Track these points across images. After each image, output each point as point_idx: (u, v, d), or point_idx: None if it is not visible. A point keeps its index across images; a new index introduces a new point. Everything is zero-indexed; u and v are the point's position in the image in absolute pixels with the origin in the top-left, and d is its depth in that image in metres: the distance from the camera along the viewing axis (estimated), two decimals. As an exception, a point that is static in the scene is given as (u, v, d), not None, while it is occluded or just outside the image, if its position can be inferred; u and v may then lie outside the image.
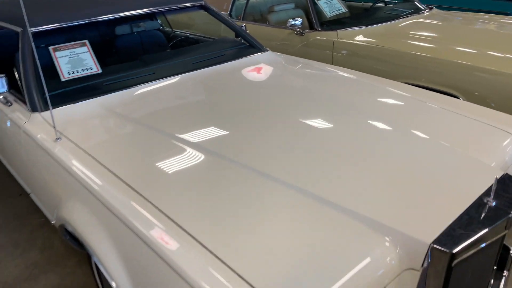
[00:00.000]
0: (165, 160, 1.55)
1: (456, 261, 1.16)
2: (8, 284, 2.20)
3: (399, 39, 3.20)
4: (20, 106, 2.10)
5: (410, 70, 3.01)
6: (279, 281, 1.04)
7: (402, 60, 3.04)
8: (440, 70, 2.85)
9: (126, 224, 1.29)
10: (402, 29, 3.42)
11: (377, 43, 3.21)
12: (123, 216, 1.31)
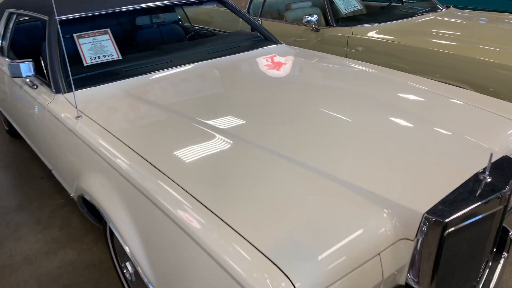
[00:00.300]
0: (176, 135, 1.65)
1: (448, 231, 1.21)
2: (29, 257, 2.33)
3: (413, 36, 3.24)
4: (44, 89, 2.24)
5: (423, 66, 3.04)
6: (280, 242, 1.12)
7: (414, 55, 3.08)
8: (454, 66, 2.88)
9: (140, 191, 1.39)
10: (416, 26, 3.45)
11: (390, 39, 3.25)
12: (138, 184, 1.40)
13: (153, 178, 1.39)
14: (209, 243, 1.14)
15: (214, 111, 1.86)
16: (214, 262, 1.11)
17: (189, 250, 1.20)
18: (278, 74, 2.33)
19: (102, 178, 1.59)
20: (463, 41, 3.01)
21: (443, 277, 1.33)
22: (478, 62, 2.79)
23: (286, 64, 2.51)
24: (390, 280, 1.29)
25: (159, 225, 1.33)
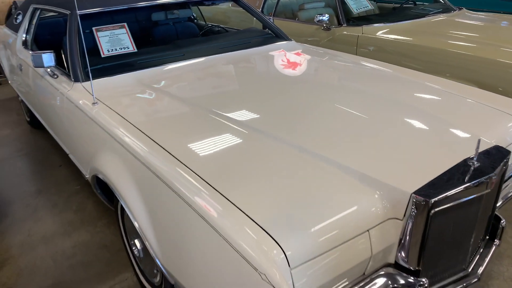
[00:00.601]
0: (184, 120, 1.75)
1: (434, 211, 1.28)
2: (46, 236, 2.46)
3: (422, 35, 3.28)
4: (64, 78, 2.37)
5: (431, 65, 3.08)
6: (275, 215, 1.20)
7: (422, 54, 3.13)
8: (463, 65, 2.92)
9: (149, 169, 1.49)
10: (426, 26, 3.50)
11: (399, 38, 3.31)
12: (147, 163, 1.51)
13: (161, 158, 1.50)
14: (210, 214, 1.23)
15: (221, 100, 1.96)
16: (213, 232, 1.20)
17: (191, 222, 1.30)
18: (284, 68, 2.42)
19: (115, 158, 1.71)
20: (471, 41, 3.05)
21: (431, 257, 1.39)
22: (488, 62, 2.82)
23: (292, 59, 2.60)
24: (380, 258, 1.37)
25: (165, 201, 1.43)
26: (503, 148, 1.51)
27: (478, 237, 1.60)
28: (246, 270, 1.09)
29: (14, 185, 3.05)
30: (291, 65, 2.49)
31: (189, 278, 1.33)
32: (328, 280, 1.22)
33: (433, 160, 1.45)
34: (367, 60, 2.60)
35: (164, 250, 1.46)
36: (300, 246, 1.15)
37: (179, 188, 1.35)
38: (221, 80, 2.23)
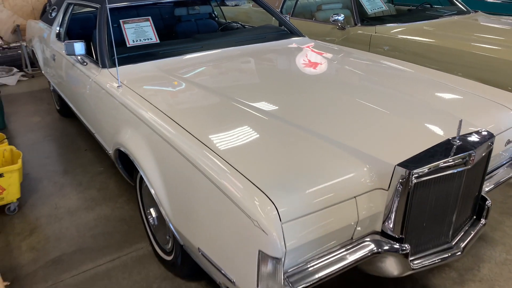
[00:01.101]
0: (198, 100, 1.94)
1: (416, 182, 1.42)
2: (71, 210, 2.69)
3: (433, 35, 3.39)
4: (92, 65, 2.61)
5: (441, 63, 3.19)
6: (272, 178, 1.37)
7: (432, 52, 3.24)
8: (472, 63, 3.02)
9: (165, 141, 1.68)
10: (439, 26, 3.60)
11: (410, 37, 3.43)
12: (162, 134, 1.70)
13: (174, 130, 1.69)
14: (215, 177, 1.40)
15: (232, 84, 2.14)
16: (218, 191, 1.37)
17: (200, 185, 1.48)
18: (295, 59, 2.59)
19: (135, 133, 1.91)
20: (479, 41, 3.15)
21: (414, 227, 1.53)
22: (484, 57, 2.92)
23: (304, 51, 2.76)
24: (367, 225, 1.51)
25: (178, 168, 1.61)
26: (487, 131, 1.64)
27: (464, 215, 1.72)
28: (243, 220, 1.26)
29: (43, 165, 3.30)
30: (302, 57, 2.65)
31: (195, 233, 1.51)
32: (316, 237, 1.37)
33: (420, 139, 1.59)
34: (371, 54, 2.74)
35: (175, 212, 1.64)
36: (291, 205, 1.31)
37: (191, 156, 1.53)
38: (235, 69, 2.41)
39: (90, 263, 2.21)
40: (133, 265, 2.18)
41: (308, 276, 1.38)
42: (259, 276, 1.24)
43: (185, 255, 1.86)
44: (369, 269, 1.59)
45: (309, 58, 2.64)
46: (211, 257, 1.44)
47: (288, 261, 1.35)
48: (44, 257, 2.27)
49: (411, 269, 1.55)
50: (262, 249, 1.20)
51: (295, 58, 2.65)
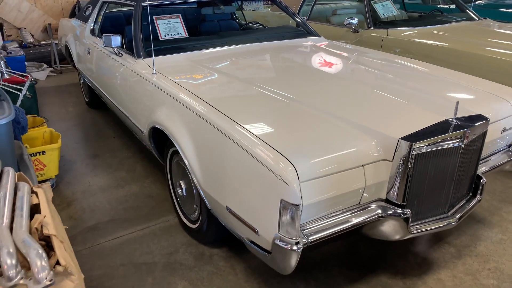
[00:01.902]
0: (223, 86, 2.19)
1: (416, 154, 1.64)
2: (103, 187, 2.96)
3: (440, 38, 3.61)
4: (127, 56, 2.88)
5: (446, 64, 3.40)
6: (293, 147, 1.60)
7: (437, 53, 3.45)
8: (479, 65, 3.23)
9: (197, 114, 1.93)
10: (447, 30, 3.82)
11: (418, 40, 3.65)
12: (195, 110, 1.95)
13: (204, 107, 1.94)
14: (245, 144, 1.64)
15: (255, 73, 2.39)
16: (249, 156, 1.60)
17: (231, 152, 1.71)
18: (312, 54, 2.83)
19: (170, 111, 2.17)
20: (486, 44, 3.35)
21: (415, 195, 1.75)
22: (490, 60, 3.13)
23: (319, 48, 3.01)
24: (373, 192, 1.74)
25: (210, 139, 1.85)
26: (482, 116, 1.85)
27: (461, 190, 1.93)
28: (268, 177, 1.50)
29: (75, 149, 3.59)
30: (317, 52, 2.90)
31: (224, 194, 1.75)
32: (329, 197, 1.60)
33: (422, 120, 1.82)
34: (382, 53, 2.97)
35: (206, 178, 1.88)
36: (308, 168, 1.55)
37: (226, 129, 1.77)
38: (257, 61, 2.66)
39: (123, 231, 2.47)
40: (161, 233, 2.43)
41: (320, 231, 1.60)
42: (280, 223, 1.47)
43: (210, 221, 2.10)
44: (373, 233, 1.81)
45: (324, 54, 2.88)
46: (238, 213, 1.67)
47: (303, 216, 1.58)
48: (82, 225, 2.53)
49: (411, 233, 1.76)
50: (284, 198, 1.44)
51: (311, 53, 2.90)
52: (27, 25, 6.78)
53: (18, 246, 1.10)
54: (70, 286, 1.12)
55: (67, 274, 1.12)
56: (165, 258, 2.23)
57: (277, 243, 1.49)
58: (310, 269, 2.12)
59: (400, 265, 2.14)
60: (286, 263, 1.51)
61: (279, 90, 2.15)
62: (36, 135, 3.08)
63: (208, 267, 2.15)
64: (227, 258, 2.21)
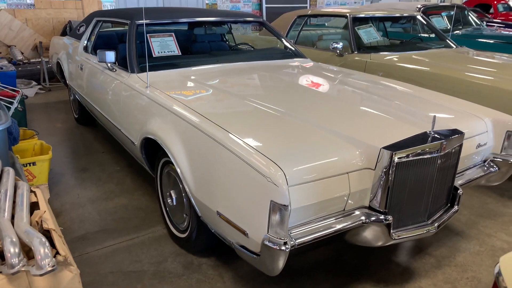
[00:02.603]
0: (212, 97, 2.29)
1: (397, 162, 1.75)
2: (92, 199, 2.98)
3: (418, 62, 3.82)
4: (121, 71, 2.97)
5: (424, 86, 3.59)
6: (282, 153, 1.70)
7: (413, 75, 3.65)
8: (453, 87, 3.42)
9: (188, 122, 2.02)
10: (423, 56, 4.03)
11: (398, 64, 3.85)
12: (187, 118, 2.04)
13: (198, 118, 2.03)
14: (241, 152, 1.72)
15: (245, 88, 2.50)
16: (242, 162, 1.68)
17: (223, 159, 1.79)
18: (298, 73, 2.97)
19: (163, 122, 2.25)
20: (457, 66, 3.56)
21: (396, 203, 1.85)
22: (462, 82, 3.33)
23: (304, 68, 3.15)
24: (357, 199, 1.83)
25: (202, 147, 1.93)
26: (458, 130, 1.98)
27: (439, 201, 2.04)
28: (259, 180, 1.58)
29: (64, 163, 3.61)
30: (303, 71, 3.04)
31: (215, 200, 1.82)
32: (315, 202, 1.69)
33: (403, 132, 1.94)
34: (364, 74, 3.14)
35: (198, 185, 1.95)
36: (296, 174, 1.64)
37: (219, 137, 1.86)
38: (246, 77, 2.78)
39: (112, 240, 2.49)
40: (150, 243, 2.46)
41: (307, 235, 1.68)
42: (269, 224, 1.55)
43: (200, 230, 2.15)
44: (357, 239, 1.89)
45: (310, 73, 3.02)
46: (228, 217, 1.74)
47: (291, 220, 1.66)
48: (71, 234, 2.55)
49: (392, 239, 1.85)
50: (273, 199, 1.52)
51: (298, 72, 3.04)
52: (17, 43, 6.84)
53: (20, 236, 1.15)
54: (69, 276, 1.17)
55: (66, 264, 1.17)
56: (154, 267, 2.26)
57: (266, 244, 1.56)
58: (296, 277, 2.17)
59: (383, 274, 2.22)
60: (275, 264, 1.58)
61: (269, 104, 2.26)
62: (26, 147, 3.11)
63: (197, 275, 2.19)
64: (216, 266, 2.26)
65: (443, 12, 6.68)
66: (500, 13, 12.26)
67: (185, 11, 3.45)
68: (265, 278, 2.17)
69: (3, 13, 6.67)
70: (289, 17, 5.44)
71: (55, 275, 1.15)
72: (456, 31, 6.49)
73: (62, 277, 1.16)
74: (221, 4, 9.09)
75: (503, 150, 2.39)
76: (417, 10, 6.22)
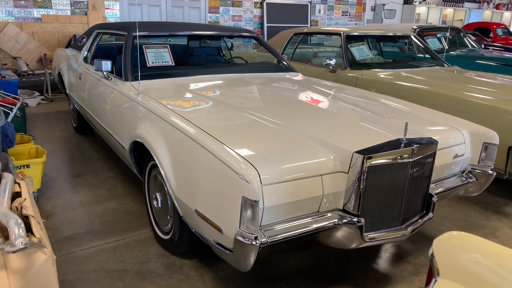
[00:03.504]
0: (200, 105, 2.39)
1: (368, 166, 1.82)
2: (83, 203, 3.06)
3: (408, 78, 3.92)
4: (116, 80, 3.09)
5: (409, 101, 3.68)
6: (258, 155, 1.78)
7: (402, 90, 3.75)
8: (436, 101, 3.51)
9: (177, 128, 2.11)
10: (412, 73, 4.14)
11: (387, 80, 3.96)
12: (173, 123, 2.13)
13: (180, 121, 2.12)
14: (217, 151, 1.81)
15: (232, 96, 2.60)
16: (218, 160, 1.77)
17: (202, 158, 1.87)
18: (286, 85, 3.07)
19: (150, 126, 2.34)
20: (442, 83, 3.66)
21: (369, 206, 1.91)
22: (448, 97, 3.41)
23: (294, 81, 3.26)
24: (331, 201, 1.90)
25: (185, 148, 2.02)
26: (431, 138, 2.06)
27: (413, 207, 2.10)
28: (233, 178, 1.66)
29: (59, 168, 3.70)
30: (292, 83, 3.14)
31: (194, 198, 1.90)
32: (289, 201, 1.76)
33: (379, 139, 2.02)
34: (351, 87, 3.25)
35: (179, 185, 2.03)
36: (270, 173, 1.72)
37: (199, 138, 1.95)
38: (236, 87, 2.89)
39: (98, 241, 2.55)
40: (135, 245, 2.52)
41: (280, 233, 1.74)
42: (241, 219, 1.62)
43: (182, 230, 2.21)
44: (331, 241, 1.95)
45: (298, 85, 3.13)
46: (205, 214, 1.81)
47: (265, 218, 1.73)
48: (58, 235, 2.61)
49: (365, 241, 1.91)
50: (245, 195, 1.59)
51: (287, 84, 3.14)
52: (23, 55, 7.03)
53: (0, 219, 1.23)
54: (43, 257, 1.24)
55: (40, 246, 1.24)
56: (137, 266, 2.31)
57: (238, 239, 1.62)
58: (275, 281, 2.22)
59: (361, 280, 2.26)
60: (247, 259, 1.64)
61: (251, 110, 2.35)
62: (22, 150, 3.20)
63: (178, 275, 2.24)
64: (197, 268, 2.31)
65: (439, 34, 6.84)
66: (499, 37, 12.46)
67: (180, 25, 3.59)
68: (244, 281, 2.22)
69: (10, 26, 6.89)
70: (286, 35, 5.60)
71: (30, 256, 1.23)
72: (451, 51, 6.62)
73: (36, 258, 1.23)
74: (223, 22, 9.32)
75: (480, 162, 2.46)
76: (413, 30, 6.38)
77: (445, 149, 2.32)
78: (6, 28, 6.85)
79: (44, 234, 1.35)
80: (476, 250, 0.95)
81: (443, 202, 3.22)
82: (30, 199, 1.48)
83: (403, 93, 3.78)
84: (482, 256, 0.92)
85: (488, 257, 0.91)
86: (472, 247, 0.96)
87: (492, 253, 0.92)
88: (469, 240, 0.98)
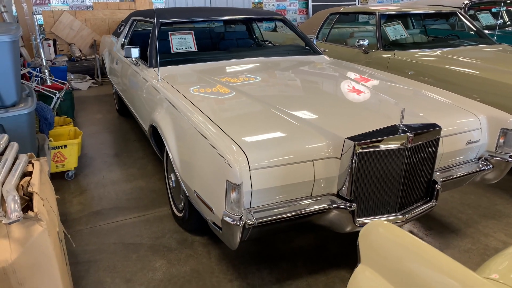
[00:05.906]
0: (217, 95, 2.49)
1: (360, 152, 1.83)
2: (114, 181, 3.31)
3: (442, 58, 3.74)
4: (143, 65, 3.27)
5: (441, 83, 3.52)
6: (250, 141, 1.85)
7: (438, 73, 3.58)
8: (468, 83, 3.33)
9: (181, 113, 2.23)
10: (452, 53, 3.93)
11: (420, 61, 3.80)
12: (180, 109, 2.25)
13: (188, 106, 2.23)
14: (210, 135, 1.91)
15: (246, 83, 2.67)
16: (209, 145, 1.87)
17: (199, 142, 1.99)
18: (300, 69, 3.08)
19: (164, 112, 2.49)
20: (477, 62, 3.44)
21: (362, 192, 1.93)
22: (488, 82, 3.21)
23: (312, 64, 3.25)
24: (324, 186, 1.93)
25: (187, 133, 2.14)
26: (434, 124, 2.01)
27: (415, 193, 2.07)
28: (221, 162, 1.75)
29: (98, 149, 4.00)
30: (308, 67, 3.14)
31: (193, 180, 2.02)
32: (279, 185, 1.82)
33: (374, 123, 2.00)
34: (372, 69, 3.17)
35: (183, 167, 2.16)
36: (259, 158, 1.79)
37: (196, 123, 2.06)
38: (253, 72, 2.95)
39: (121, 216, 2.78)
40: (154, 221, 2.72)
41: (270, 215, 1.82)
42: (226, 201, 1.71)
43: (191, 209, 2.36)
44: (325, 224, 1.99)
45: (315, 68, 3.12)
46: (201, 195, 1.93)
47: (255, 200, 1.81)
48: (88, 209, 2.88)
49: (357, 226, 1.93)
50: (228, 179, 1.68)
51: (303, 67, 3.15)
52: (77, 41, 7.51)
53: (3, 195, 1.42)
54: (39, 229, 1.42)
55: (37, 219, 1.42)
56: (152, 241, 2.51)
57: (224, 219, 1.73)
58: (276, 260, 2.31)
59: (363, 263, 2.28)
60: (233, 237, 1.74)
61: (261, 96, 2.41)
62: (62, 132, 3.51)
63: (187, 251, 2.40)
64: (206, 244, 2.46)
65: (493, 8, 6.35)
66: None
67: (207, 10, 3.68)
68: (247, 258, 2.33)
69: (65, 14, 7.37)
70: (322, 15, 5.50)
71: (28, 228, 1.41)
72: (507, 27, 6.13)
73: (33, 230, 1.41)
74: (267, 3, 9.28)
75: (498, 148, 2.35)
76: (463, 5, 5.98)
77: (457, 135, 2.25)
78: (61, 16, 7.34)
79: (45, 210, 1.53)
80: (396, 241, 0.97)
81: (464, 189, 3.10)
82: (40, 178, 1.67)
83: (435, 74, 3.62)
84: (401, 248, 0.94)
85: (407, 249, 0.93)
86: (394, 239, 0.98)
87: (410, 246, 0.94)
88: (394, 232, 1.00)
